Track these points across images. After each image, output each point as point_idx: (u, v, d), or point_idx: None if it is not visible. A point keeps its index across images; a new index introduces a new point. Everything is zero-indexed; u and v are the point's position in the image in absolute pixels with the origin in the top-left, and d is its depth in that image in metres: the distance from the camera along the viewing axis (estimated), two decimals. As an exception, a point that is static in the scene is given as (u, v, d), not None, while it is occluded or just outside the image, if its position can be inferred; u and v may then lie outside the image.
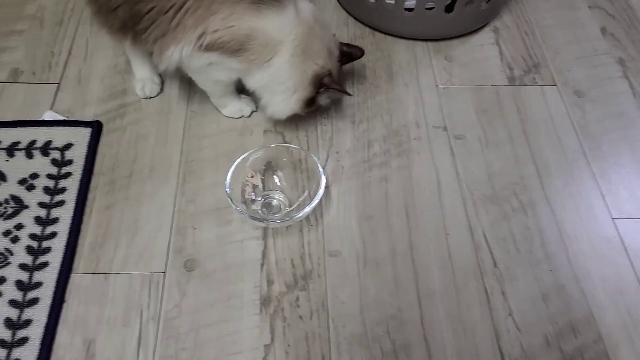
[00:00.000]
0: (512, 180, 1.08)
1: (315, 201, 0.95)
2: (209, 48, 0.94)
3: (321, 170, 0.98)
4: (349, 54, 1.11)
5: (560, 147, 1.14)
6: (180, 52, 0.95)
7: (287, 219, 0.96)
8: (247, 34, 0.94)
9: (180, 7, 0.91)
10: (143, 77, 1.16)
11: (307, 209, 0.94)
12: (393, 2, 1.23)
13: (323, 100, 1.08)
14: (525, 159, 1.12)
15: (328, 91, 1.05)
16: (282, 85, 1.02)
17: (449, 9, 1.23)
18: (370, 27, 1.34)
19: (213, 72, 1.02)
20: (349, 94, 1.10)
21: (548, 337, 0.90)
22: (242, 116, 1.15)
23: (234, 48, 0.95)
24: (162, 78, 1.19)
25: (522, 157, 1.12)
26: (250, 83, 1.04)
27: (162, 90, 1.18)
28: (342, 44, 1.10)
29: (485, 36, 1.34)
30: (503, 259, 0.98)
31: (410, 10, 1.24)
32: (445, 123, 1.17)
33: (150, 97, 1.16)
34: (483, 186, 1.07)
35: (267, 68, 0.99)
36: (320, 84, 1.03)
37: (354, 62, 1.20)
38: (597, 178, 1.10)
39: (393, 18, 1.27)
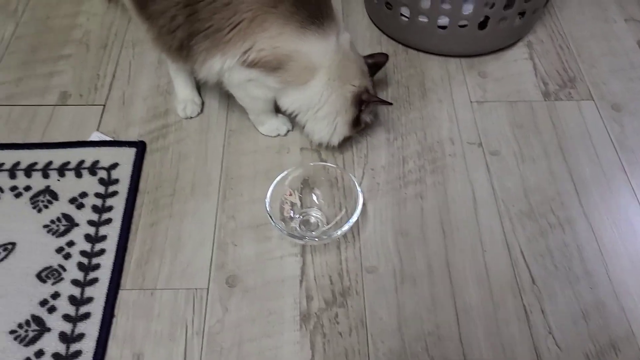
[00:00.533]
0: (549, 196, 1.08)
1: (353, 219, 0.97)
2: (251, 65, 0.98)
3: (359, 189, 1.00)
4: (374, 64, 1.14)
5: (598, 161, 1.13)
6: (222, 64, 0.99)
7: (325, 237, 0.99)
8: (288, 55, 0.97)
9: (236, 25, 0.95)
10: (185, 98, 1.20)
11: (345, 228, 0.96)
12: (426, 20, 1.25)
13: (367, 116, 1.11)
14: (562, 174, 1.11)
15: (369, 106, 1.08)
16: (321, 111, 1.06)
17: (482, 25, 1.24)
18: (403, 44, 1.36)
19: (251, 89, 1.05)
20: (390, 103, 1.12)
21: (589, 355, 0.89)
22: (279, 134, 1.18)
23: (273, 66, 0.98)
24: (202, 99, 1.23)
25: (558, 173, 1.12)
26: (285, 103, 1.07)
27: (202, 110, 1.22)
28: (365, 57, 1.12)
29: (518, 51, 1.35)
30: (541, 275, 0.98)
31: (443, 27, 1.25)
32: (480, 139, 1.18)
33: (191, 117, 1.20)
34: (519, 202, 1.07)
35: (303, 90, 1.02)
36: (360, 101, 1.06)
37: (388, 80, 1.23)
38: (636, 192, 1.09)
39: (426, 35, 1.28)
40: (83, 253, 1.00)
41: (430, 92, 1.26)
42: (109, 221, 1.04)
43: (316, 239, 0.99)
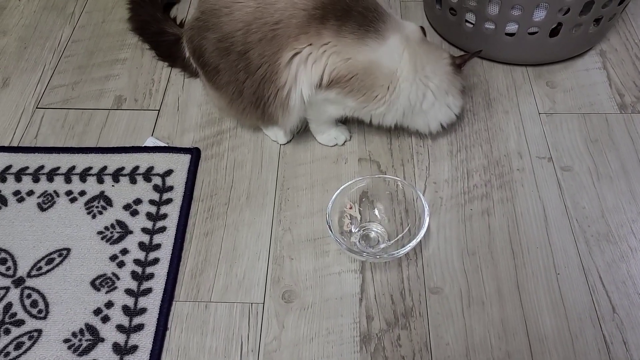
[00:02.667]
0: (629, 217, 1.00)
1: (418, 238, 0.91)
2: (329, 85, 0.96)
3: (425, 206, 0.94)
4: (464, 62, 1.07)
5: (682, 181, 1.05)
6: (300, 95, 0.97)
7: (386, 255, 0.93)
8: (365, 67, 0.94)
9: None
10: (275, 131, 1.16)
11: (408, 247, 0.91)
12: (493, 26, 1.19)
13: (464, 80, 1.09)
14: (642, 193, 1.03)
15: (465, 65, 1.06)
16: (426, 102, 1.02)
17: (553, 33, 1.17)
18: (466, 51, 1.29)
19: (326, 107, 1.03)
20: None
21: (680, 395, 0.81)
22: (336, 144, 1.14)
23: (354, 87, 0.96)
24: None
25: (639, 192, 1.03)
26: (388, 121, 1.04)
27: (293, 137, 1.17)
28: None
29: (590, 60, 1.27)
30: (623, 304, 0.90)
31: (511, 35, 1.19)
32: (550, 153, 1.10)
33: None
34: (596, 223, 1.00)
35: (397, 98, 0.99)
36: (458, 65, 1.05)
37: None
38: None
39: (491, 43, 1.22)
40: (137, 262, 0.97)
41: (495, 102, 1.20)
42: (163, 229, 1.01)
43: (377, 256, 0.94)
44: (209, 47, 0.98)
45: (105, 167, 1.10)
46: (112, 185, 1.08)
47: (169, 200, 1.05)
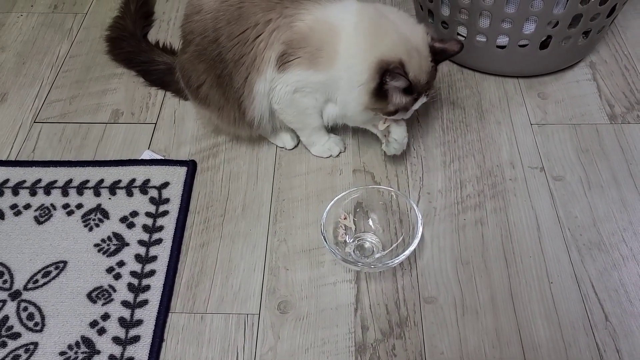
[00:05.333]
0: (620, 226, 1.01)
1: (412, 248, 0.92)
2: (284, 60, 0.95)
3: (419, 215, 0.95)
4: (442, 50, 0.96)
5: (672, 189, 1.06)
6: (264, 81, 0.98)
7: (381, 264, 0.94)
8: (310, 26, 0.93)
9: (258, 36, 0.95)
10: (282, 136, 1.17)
11: (402, 257, 0.92)
12: (484, 39, 1.21)
13: (397, 98, 0.94)
14: (633, 202, 1.04)
15: (397, 80, 0.91)
16: (351, 80, 0.95)
17: (543, 45, 1.19)
18: (458, 64, 1.31)
19: (300, 99, 1.00)
20: (435, 95, 0.96)
21: (673, 402, 0.82)
22: (331, 155, 1.15)
23: (304, 53, 0.93)
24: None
25: (630, 201, 1.05)
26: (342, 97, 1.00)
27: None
28: (435, 40, 0.96)
29: (580, 72, 1.29)
30: (615, 312, 0.91)
31: (502, 47, 1.21)
32: (542, 163, 1.12)
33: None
34: (588, 232, 1.01)
35: (340, 65, 0.94)
36: (385, 70, 0.90)
37: (443, 101, 1.18)
38: None
39: (483, 55, 1.24)
40: (133, 274, 0.98)
41: (487, 113, 1.22)
42: (159, 241, 1.02)
43: (372, 266, 0.94)
44: (191, 59, 1.01)
45: (102, 180, 1.11)
46: (109, 198, 1.09)
47: (165, 213, 1.06)
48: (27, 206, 1.07)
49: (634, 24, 1.39)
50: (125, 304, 0.94)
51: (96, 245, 1.02)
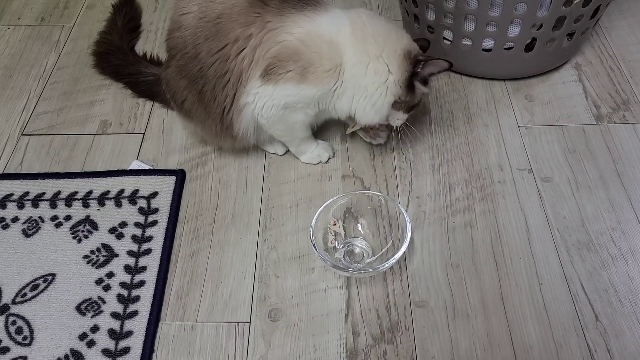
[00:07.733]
0: (608, 226, 1.02)
1: (401, 252, 0.92)
2: (270, 72, 0.94)
3: (407, 219, 0.95)
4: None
5: (659, 188, 1.07)
6: (250, 97, 0.97)
7: (371, 269, 0.94)
8: (302, 40, 0.92)
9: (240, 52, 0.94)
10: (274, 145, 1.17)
11: (392, 261, 0.92)
12: (470, 43, 1.21)
13: (421, 88, 0.99)
14: (621, 202, 1.05)
15: (427, 67, 0.97)
16: (367, 84, 0.96)
17: (528, 48, 1.20)
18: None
19: (290, 115, 1.00)
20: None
21: (665, 400, 0.82)
22: (320, 162, 1.15)
23: (295, 66, 0.93)
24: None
25: (617, 201, 1.05)
26: (343, 106, 1.00)
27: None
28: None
29: (566, 73, 1.30)
30: (605, 312, 0.91)
31: (487, 50, 1.22)
32: (530, 165, 1.12)
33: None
34: (577, 232, 1.01)
35: (346, 75, 0.95)
36: (416, 61, 0.96)
37: (430, 105, 1.19)
38: None
39: (469, 58, 1.25)
40: (123, 285, 0.97)
41: (475, 116, 1.22)
42: (148, 251, 1.02)
43: (362, 271, 0.94)
44: (173, 74, 1.02)
45: (90, 192, 1.11)
46: (98, 209, 1.08)
47: (154, 223, 1.06)
48: (15, 219, 1.07)
49: (618, 25, 1.40)
50: (115, 315, 0.93)
51: (85, 257, 1.01)
